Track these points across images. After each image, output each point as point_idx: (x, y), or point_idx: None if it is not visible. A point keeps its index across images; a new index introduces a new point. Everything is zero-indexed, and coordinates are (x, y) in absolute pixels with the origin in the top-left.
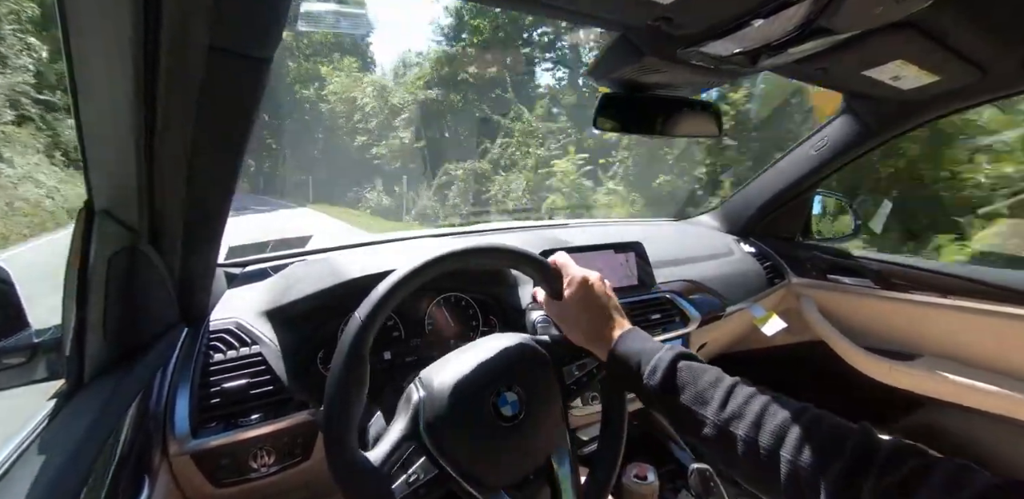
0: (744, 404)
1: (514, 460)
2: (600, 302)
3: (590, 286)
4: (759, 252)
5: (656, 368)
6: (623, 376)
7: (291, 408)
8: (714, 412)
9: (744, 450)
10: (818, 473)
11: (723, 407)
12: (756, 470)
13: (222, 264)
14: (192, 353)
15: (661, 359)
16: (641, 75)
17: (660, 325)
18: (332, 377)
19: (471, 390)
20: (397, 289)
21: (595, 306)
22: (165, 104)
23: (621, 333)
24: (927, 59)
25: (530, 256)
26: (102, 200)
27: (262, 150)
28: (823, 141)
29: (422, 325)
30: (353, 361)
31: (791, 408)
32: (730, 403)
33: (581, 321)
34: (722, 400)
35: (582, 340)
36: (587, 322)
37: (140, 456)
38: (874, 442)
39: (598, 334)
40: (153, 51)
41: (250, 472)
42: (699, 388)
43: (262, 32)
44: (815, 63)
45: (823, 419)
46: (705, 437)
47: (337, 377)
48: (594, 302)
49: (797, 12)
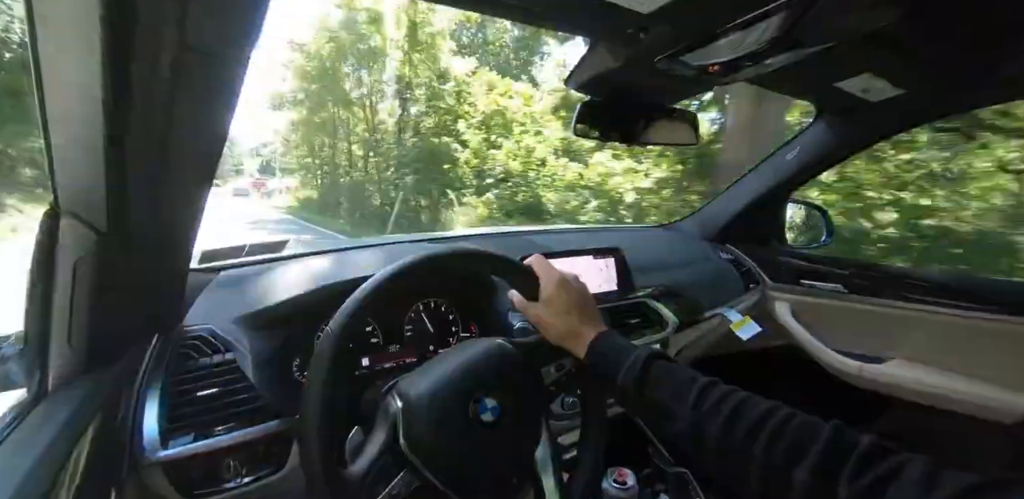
0: (718, 402)
1: (497, 466)
2: (577, 301)
3: (566, 286)
4: (735, 258)
5: (633, 366)
6: (600, 374)
7: (266, 417)
8: (688, 409)
9: (716, 447)
10: (790, 469)
11: (697, 405)
12: (728, 466)
13: (195, 269)
14: (162, 361)
15: (638, 357)
16: (619, 83)
17: (638, 330)
18: (308, 392)
19: (450, 398)
20: (368, 298)
21: (572, 305)
22: (137, 103)
23: (598, 333)
24: (895, 72)
25: (504, 259)
26: (68, 202)
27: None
28: (795, 151)
29: (401, 331)
30: (329, 376)
31: (763, 406)
32: (704, 401)
33: (558, 320)
34: (696, 398)
35: (558, 338)
36: (563, 321)
37: (107, 467)
38: (847, 439)
39: (575, 332)
40: (125, 47)
41: (222, 483)
42: (674, 386)
43: (239, 32)
44: (789, 74)
45: (795, 417)
46: (678, 434)
47: (313, 392)
48: (571, 301)
49: (771, 25)
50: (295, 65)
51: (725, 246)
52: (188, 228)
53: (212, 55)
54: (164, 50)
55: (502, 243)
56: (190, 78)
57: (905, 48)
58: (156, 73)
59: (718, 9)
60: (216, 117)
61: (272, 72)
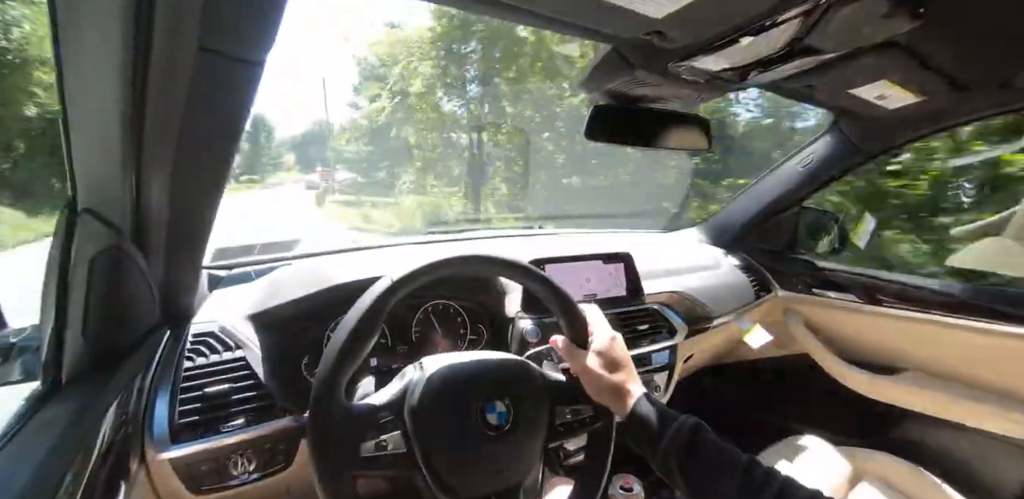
0: (763, 483)
1: (482, 472)
2: (624, 359)
3: (619, 342)
4: (746, 265)
5: (677, 435)
6: (637, 436)
7: (274, 414)
8: (734, 487)
9: None
10: None
11: (745, 486)
12: None
13: (207, 266)
14: (174, 357)
15: (682, 426)
16: (632, 88)
17: (648, 336)
18: (344, 326)
19: (464, 387)
20: (450, 263)
21: (618, 364)
22: (154, 104)
23: (640, 395)
24: (911, 79)
25: (566, 296)
26: (86, 199)
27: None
28: (810, 157)
29: (410, 332)
30: (369, 316)
31: (804, 493)
32: (749, 480)
33: (605, 374)
34: (742, 478)
35: (599, 391)
36: (608, 378)
37: (117, 461)
38: None
39: (620, 390)
40: (144, 50)
41: (230, 479)
42: (718, 459)
43: (255, 35)
44: (802, 81)
45: None
46: None
47: (350, 328)
48: (622, 358)
49: (785, 31)
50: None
51: (736, 252)
52: (201, 227)
53: (228, 58)
54: (182, 53)
55: (512, 246)
56: (206, 80)
57: (922, 55)
58: (173, 76)
59: (732, 15)
60: (231, 119)
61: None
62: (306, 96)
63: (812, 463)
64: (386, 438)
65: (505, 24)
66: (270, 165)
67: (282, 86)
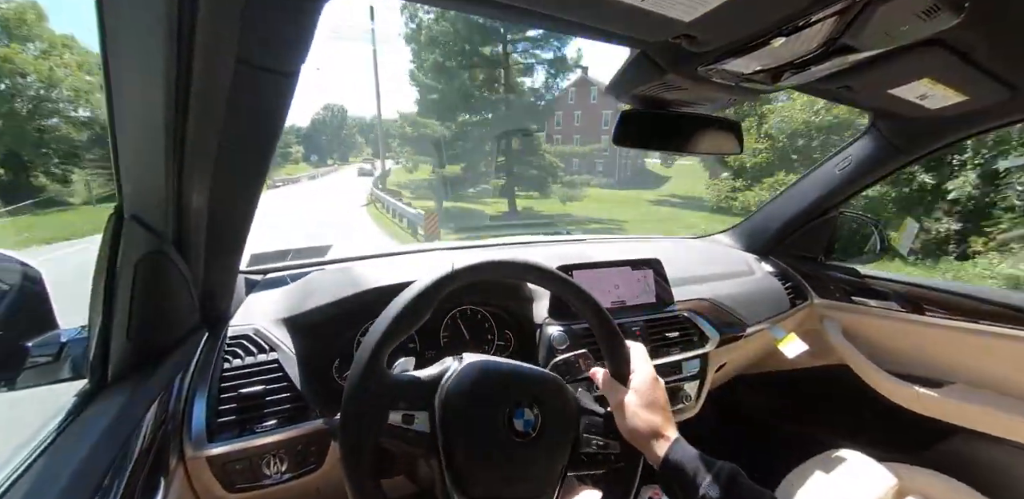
0: None
1: (496, 473)
2: (661, 404)
3: (660, 383)
4: (780, 272)
5: (716, 480)
6: (674, 483)
7: (306, 416)
8: None
9: None
10: None
11: None
12: None
13: (244, 271)
14: (211, 358)
15: (720, 471)
16: (661, 92)
17: (678, 344)
18: (400, 299)
19: (497, 386)
20: (499, 265)
21: (656, 405)
22: (195, 114)
23: (675, 439)
24: (955, 78)
25: (617, 336)
26: (131, 206)
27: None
28: (847, 160)
29: (438, 337)
30: (423, 297)
31: None
32: None
33: (643, 413)
34: None
35: (634, 431)
36: (648, 416)
37: (157, 457)
38: None
39: (656, 432)
40: (186, 63)
41: (263, 478)
42: None
43: (288, 47)
44: (839, 81)
45: None
46: None
47: (406, 300)
48: (662, 400)
49: (820, 30)
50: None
51: (769, 259)
52: (238, 233)
53: (264, 70)
54: (220, 67)
55: (541, 252)
56: (243, 92)
57: (967, 53)
58: (212, 88)
59: (764, 15)
60: (267, 128)
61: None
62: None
63: (853, 478)
64: (415, 414)
65: None
66: (279, 156)
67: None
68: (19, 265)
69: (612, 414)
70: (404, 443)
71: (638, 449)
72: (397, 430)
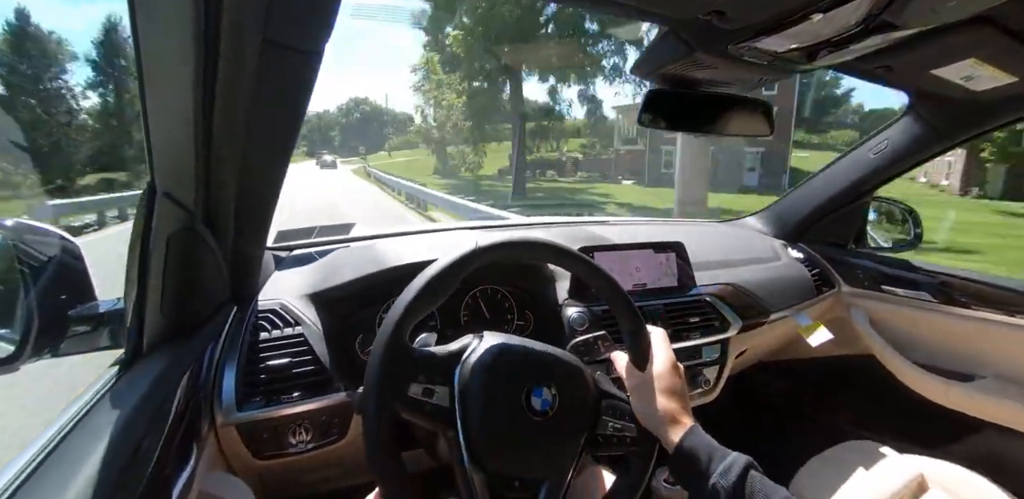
0: None
1: (512, 450)
2: (682, 389)
3: (680, 370)
4: (807, 258)
5: (728, 470)
6: (686, 470)
7: (330, 389)
8: None
9: None
10: None
11: None
12: None
13: (271, 247)
14: (240, 330)
15: (734, 462)
16: (689, 71)
17: (699, 329)
18: (424, 275)
19: (517, 365)
20: (520, 245)
21: (678, 391)
22: (223, 95)
23: (691, 426)
24: (1004, 58)
25: (640, 322)
26: (163, 182)
27: None
28: (883, 144)
29: (458, 315)
30: (447, 274)
31: None
32: None
33: (661, 399)
34: None
35: (648, 418)
36: (666, 403)
37: (190, 424)
38: None
39: (673, 418)
40: (213, 42)
41: (288, 447)
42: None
43: (313, 26)
44: (878, 61)
45: None
46: None
47: (433, 274)
48: (680, 386)
49: (860, 6)
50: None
51: (797, 245)
52: (265, 210)
53: (289, 49)
54: (247, 47)
55: (564, 234)
56: (269, 71)
57: (1017, 31)
58: (240, 68)
59: None
60: (292, 106)
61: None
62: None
63: (873, 470)
64: (435, 388)
65: None
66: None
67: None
68: (59, 239)
69: (629, 397)
70: (423, 416)
71: (653, 433)
72: (417, 402)
